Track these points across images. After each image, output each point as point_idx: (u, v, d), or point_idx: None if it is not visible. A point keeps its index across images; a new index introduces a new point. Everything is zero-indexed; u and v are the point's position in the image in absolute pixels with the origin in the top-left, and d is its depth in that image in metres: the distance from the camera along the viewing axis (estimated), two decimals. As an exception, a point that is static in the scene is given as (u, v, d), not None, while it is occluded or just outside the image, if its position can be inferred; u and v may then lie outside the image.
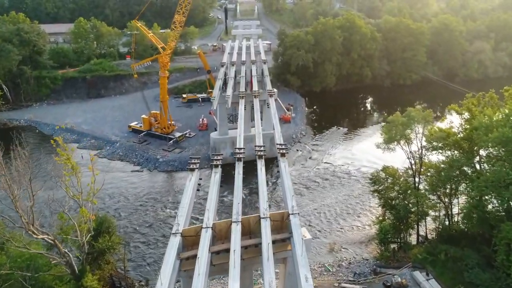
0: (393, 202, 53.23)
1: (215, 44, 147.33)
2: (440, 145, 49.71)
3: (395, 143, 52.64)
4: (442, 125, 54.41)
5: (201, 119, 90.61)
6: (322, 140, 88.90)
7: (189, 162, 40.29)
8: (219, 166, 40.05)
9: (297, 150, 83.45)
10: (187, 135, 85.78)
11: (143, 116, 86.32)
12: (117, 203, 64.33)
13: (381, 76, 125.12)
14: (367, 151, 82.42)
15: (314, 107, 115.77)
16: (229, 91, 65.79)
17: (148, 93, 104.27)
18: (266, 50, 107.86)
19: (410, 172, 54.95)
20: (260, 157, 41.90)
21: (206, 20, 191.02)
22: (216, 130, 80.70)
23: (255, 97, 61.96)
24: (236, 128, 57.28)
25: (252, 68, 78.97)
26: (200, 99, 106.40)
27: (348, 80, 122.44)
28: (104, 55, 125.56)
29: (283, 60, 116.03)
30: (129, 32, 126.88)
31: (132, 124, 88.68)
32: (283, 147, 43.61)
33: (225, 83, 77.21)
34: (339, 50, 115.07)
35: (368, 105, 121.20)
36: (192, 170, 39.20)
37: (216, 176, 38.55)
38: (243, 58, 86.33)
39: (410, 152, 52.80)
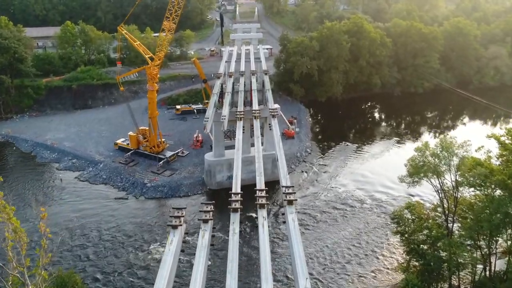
0: (421, 246, 44.67)
1: (213, 49, 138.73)
2: (479, 181, 41.08)
3: (422, 175, 44.03)
4: (478, 154, 45.52)
5: (195, 135, 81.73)
6: (330, 158, 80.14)
7: (171, 216, 31.39)
8: (209, 221, 31.27)
9: (302, 171, 74.71)
10: (179, 154, 77.01)
11: (130, 133, 77.46)
12: (92, 240, 55.17)
13: (391, 84, 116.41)
14: (379, 173, 74.02)
15: (319, 118, 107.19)
16: (226, 110, 56.94)
17: (138, 104, 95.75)
18: (266, 56, 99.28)
19: (440, 209, 46.47)
20: (262, 206, 33.17)
21: (203, 22, 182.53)
22: (211, 148, 72.02)
23: (255, 118, 53.16)
24: (234, 147, 48.60)
25: (252, 80, 70.17)
26: (195, 110, 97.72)
27: (355, 88, 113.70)
28: (92, 61, 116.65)
29: (286, 67, 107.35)
30: (121, 36, 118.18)
31: (119, 141, 79.84)
32: (291, 191, 34.82)
33: (221, 96, 68.66)
34: (346, 57, 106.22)
35: (378, 116, 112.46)
36: (175, 227, 30.31)
37: (205, 237, 29.71)
38: (242, 67, 77.53)
39: (441, 188, 44.11)
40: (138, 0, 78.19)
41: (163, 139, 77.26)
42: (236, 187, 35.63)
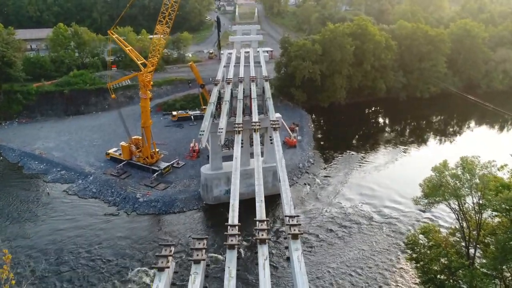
0: (438, 276, 40.37)
1: (211, 51, 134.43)
2: (506, 207, 36.74)
3: (440, 198, 39.73)
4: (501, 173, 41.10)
5: (191, 145, 77.32)
6: (334, 169, 75.77)
7: (157, 255, 27.00)
8: (201, 261, 26.89)
9: (305, 184, 70.30)
10: (174, 165, 72.63)
11: (122, 143, 73.03)
12: (73, 263, 50.49)
13: (396, 88, 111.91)
14: (387, 185, 69.78)
15: (322, 125, 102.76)
16: (223, 121, 52.44)
17: (133, 111, 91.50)
18: (266, 60, 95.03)
19: (459, 234, 42.17)
20: (263, 242, 28.86)
21: (202, 24, 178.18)
22: (208, 158, 67.45)
23: (255, 131, 48.83)
24: (232, 157, 44.55)
25: (251, 86, 65.83)
26: (192, 117, 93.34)
27: (359, 93, 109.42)
28: (86, 65, 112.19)
29: (287, 71, 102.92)
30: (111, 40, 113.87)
31: (111, 151, 75.42)
32: (296, 221, 30.53)
33: (219, 102, 64.40)
34: (350, 61, 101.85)
35: (383, 123, 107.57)
36: (161, 270, 25.92)
37: (195, 282, 25.34)
38: (241, 73, 73.28)
39: (462, 211, 39.74)
40: (131, 1, 73.43)
41: (157, 149, 72.83)
42: (233, 218, 31.23)
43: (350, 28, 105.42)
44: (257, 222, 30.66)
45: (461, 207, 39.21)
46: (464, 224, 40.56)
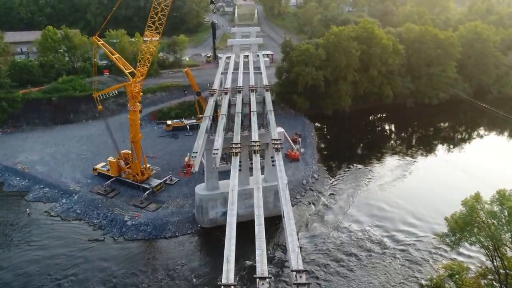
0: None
1: (209, 55, 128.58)
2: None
3: (474, 240, 34.01)
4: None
5: (186, 159, 71.46)
6: (340, 186, 70.02)
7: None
8: None
9: (309, 203, 64.54)
10: (167, 181, 66.86)
11: (110, 158, 67.27)
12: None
13: (403, 95, 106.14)
14: (398, 205, 64.25)
15: (326, 134, 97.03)
16: (219, 140, 46.42)
17: (125, 119, 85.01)
18: (267, 65, 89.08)
19: (491, 276, 36.51)
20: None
21: (200, 25, 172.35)
22: (204, 173, 61.49)
23: (255, 153, 43.05)
24: (230, 172, 39.32)
25: (251, 97, 60.10)
26: (188, 126, 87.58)
27: (364, 100, 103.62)
28: (77, 70, 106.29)
29: (289, 77, 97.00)
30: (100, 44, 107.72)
31: (98, 166, 69.55)
32: (304, 279, 24.81)
33: (215, 115, 58.66)
34: (356, 66, 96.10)
35: (390, 132, 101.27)
36: None
37: None
38: (240, 82, 67.38)
39: (497, 251, 34.06)
40: (118, 2, 67.83)
41: (148, 165, 67.06)
42: (228, 274, 25.41)
43: (356, 32, 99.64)
44: (257, 280, 24.94)
45: (497, 248, 33.56)
46: (499, 264, 34.98)
